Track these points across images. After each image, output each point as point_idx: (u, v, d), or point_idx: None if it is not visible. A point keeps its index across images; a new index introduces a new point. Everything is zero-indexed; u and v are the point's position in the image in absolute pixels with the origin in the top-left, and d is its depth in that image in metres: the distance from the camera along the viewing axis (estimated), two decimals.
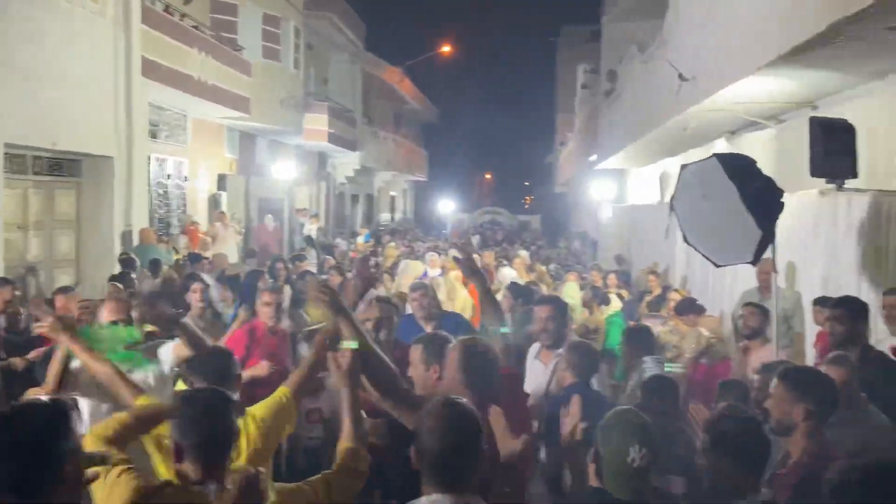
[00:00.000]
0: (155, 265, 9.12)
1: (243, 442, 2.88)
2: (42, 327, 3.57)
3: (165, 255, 10.55)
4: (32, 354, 5.11)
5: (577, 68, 24.54)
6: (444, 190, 45.37)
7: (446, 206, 40.89)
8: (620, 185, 20.59)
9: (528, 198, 72.34)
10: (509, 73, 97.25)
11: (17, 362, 5.14)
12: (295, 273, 8.91)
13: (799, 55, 5.60)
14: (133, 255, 9.17)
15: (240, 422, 2.76)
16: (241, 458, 2.76)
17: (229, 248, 13.18)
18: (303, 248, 14.60)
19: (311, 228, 19.38)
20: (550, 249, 21.65)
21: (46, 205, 9.59)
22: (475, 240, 22.15)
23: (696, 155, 12.83)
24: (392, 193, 36.56)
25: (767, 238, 4.59)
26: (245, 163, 17.53)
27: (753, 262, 4.83)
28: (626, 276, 12.52)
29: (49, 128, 8.77)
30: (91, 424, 3.12)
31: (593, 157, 19.03)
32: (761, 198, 4.61)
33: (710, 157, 4.96)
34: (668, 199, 14.07)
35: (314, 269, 10.53)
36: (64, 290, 6.23)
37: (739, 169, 4.76)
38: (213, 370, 3.13)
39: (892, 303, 4.45)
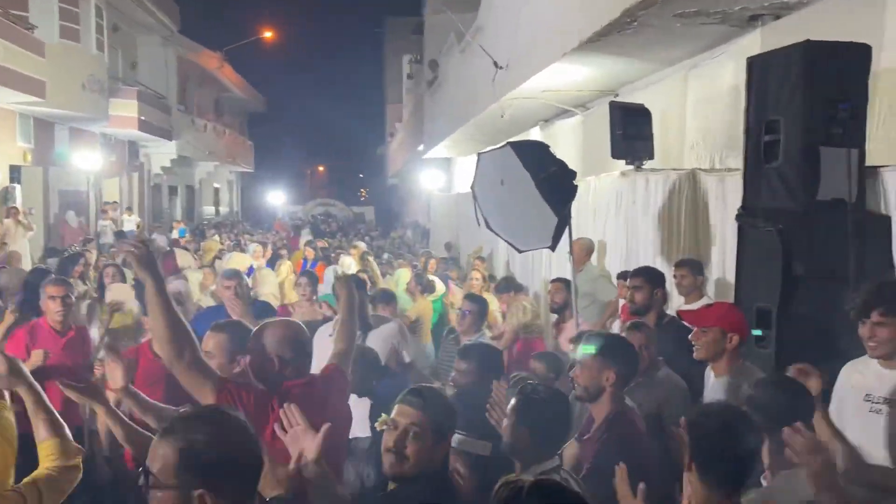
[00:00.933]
0: None
1: None
2: None
3: None
4: None
5: (403, 59, 24.69)
6: (274, 182, 44.19)
7: (277, 199, 39.79)
8: (448, 174, 20.97)
9: (363, 190, 72.18)
10: (338, 63, 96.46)
11: None
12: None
13: (598, 41, 5.88)
14: None
15: None
16: None
17: (21, 246, 11.94)
18: (112, 246, 13.51)
19: (130, 221, 18.13)
20: (384, 240, 21.66)
21: None
22: (304, 232, 21.69)
23: None
24: (216, 185, 34.91)
25: (563, 222, 4.76)
26: (42, 152, 15.97)
27: (552, 247, 4.99)
28: (455, 262, 12.74)
29: None
30: None
31: (421, 147, 19.22)
32: (555, 183, 4.76)
33: (504, 144, 5.08)
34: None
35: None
36: None
37: (532, 156, 4.89)
38: None
39: (681, 273, 4.77)
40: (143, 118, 19.14)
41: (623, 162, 6.36)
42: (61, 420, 2.49)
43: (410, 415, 2.35)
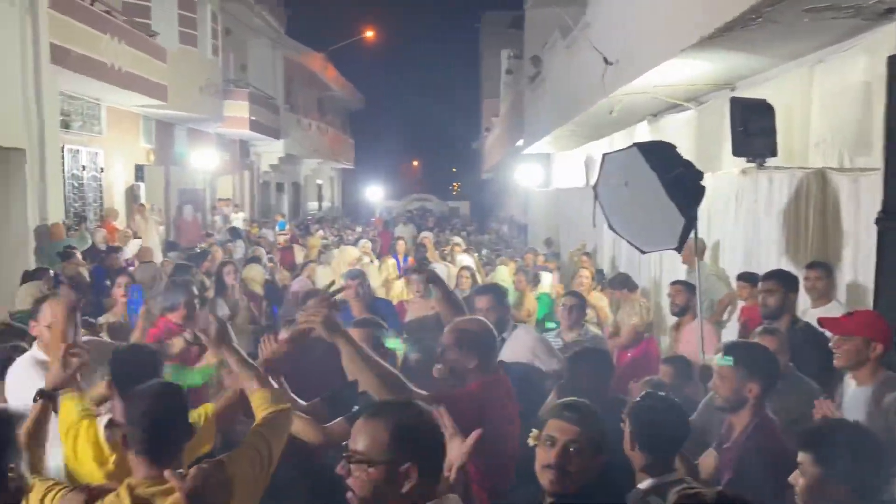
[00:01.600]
0: (66, 254, 8.74)
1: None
2: None
3: (79, 243, 10.09)
4: None
5: (501, 54, 24.67)
6: (372, 177, 45.04)
7: (374, 194, 40.61)
8: (546, 170, 20.86)
9: (455, 184, 72.57)
10: (434, 58, 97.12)
11: None
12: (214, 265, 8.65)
13: (720, 37, 5.75)
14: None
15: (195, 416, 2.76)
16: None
17: (153, 242, 12.74)
18: (228, 240, 14.22)
19: (237, 218, 18.96)
20: (480, 235, 21.78)
21: None
22: (409, 229, 21.44)
23: (619, 138, 13.11)
24: (319, 182, 36.03)
25: (690, 224, 4.71)
26: (163, 152, 16.92)
27: (678, 249, 4.95)
28: (556, 258, 12.73)
29: None
30: None
31: (520, 143, 19.20)
32: (682, 184, 4.72)
33: (631, 146, 5.06)
34: (593, 182, 14.34)
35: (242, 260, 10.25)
36: None
37: (659, 157, 4.85)
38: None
39: (815, 275, 4.63)
40: (253, 118, 19.96)
41: (739, 159, 6.22)
42: (264, 372, 2.79)
43: (568, 430, 2.33)
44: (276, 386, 2.80)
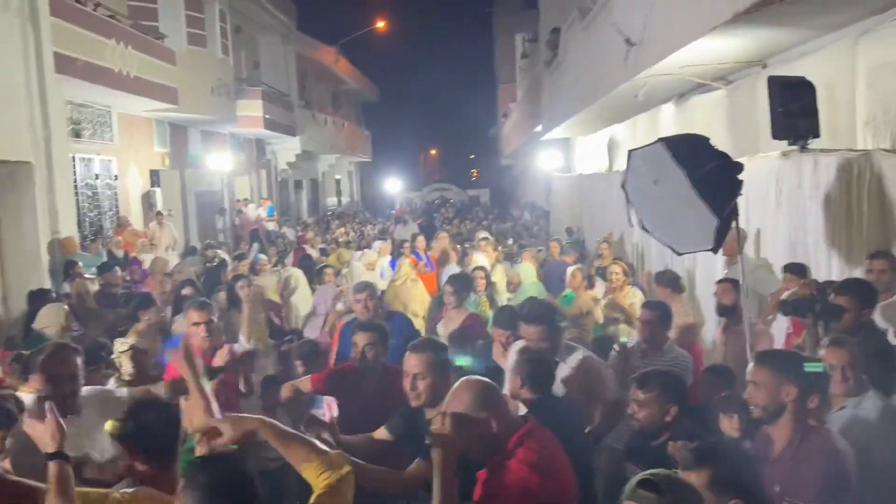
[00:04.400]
0: (68, 268, 8.62)
1: None
2: None
3: (93, 260, 9.90)
4: None
5: (516, 38, 24.17)
6: (390, 169, 44.81)
7: (394, 186, 40.35)
8: (567, 154, 20.39)
9: (474, 171, 72.16)
10: (447, 45, 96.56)
11: None
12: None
13: (755, 12, 5.32)
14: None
15: None
16: None
17: (166, 249, 12.56)
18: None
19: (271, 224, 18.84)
20: (502, 224, 21.37)
21: None
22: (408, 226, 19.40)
23: (643, 120, 12.64)
24: (337, 177, 35.80)
25: (725, 224, 4.28)
26: (178, 156, 16.73)
27: (714, 250, 4.53)
28: (581, 246, 12.31)
29: None
30: None
31: (538, 128, 18.75)
32: (715, 180, 4.27)
33: (656, 141, 4.63)
34: (616, 167, 13.87)
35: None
36: None
37: (687, 151, 4.41)
38: None
39: (880, 267, 4.21)
40: (267, 117, 19.72)
41: (776, 142, 5.77)
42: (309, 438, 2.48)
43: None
44: (326, 448, 2.44)
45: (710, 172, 4.28)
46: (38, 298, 7.02)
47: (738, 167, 4.43)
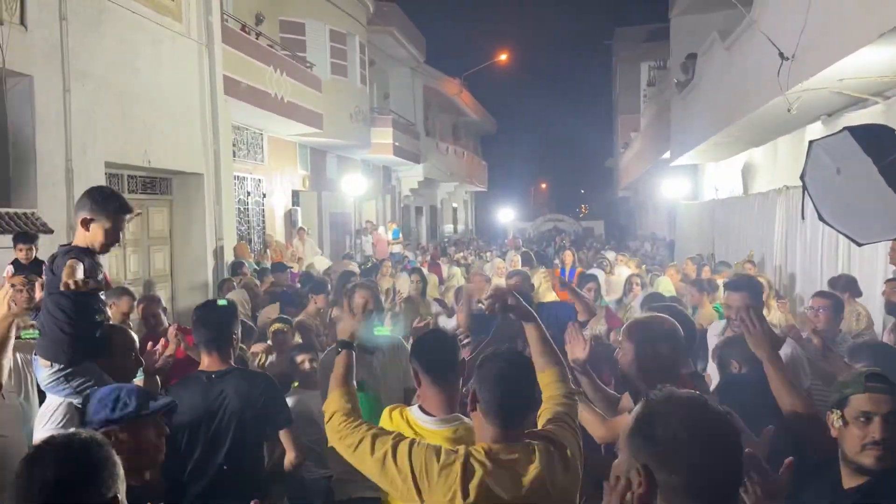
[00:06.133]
0: (236, 268, 9.63)
1: None
2: None
3: (250, 266, 10.71)
4: None
5: (641, 67, 24.13)
6: (503, 200, 45.29)
7: (506, 216, 40.71)
8: (694, 182, 20.07)
9: (583, 206, 71.63)
10: (564, 79, 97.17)
11: None
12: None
13: None
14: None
15: None
16: None
17: (313, 263, 13.32)
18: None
19: (396, 245, 19.46)
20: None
21: (142, 223, 9.77)
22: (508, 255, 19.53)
23: (785, 142, 12.37)
24: (454, 205, 36.54)
25: None
26: (316, 178, 17.70)
27: None
28: (726, 266, 12.08)
29: (142, 146, 8.94)
30: None
31: (666, 155, 18.58)
32: None
33: (842, 130, 4.67)
34: (752, 191, 13.51)
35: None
36: (149, 298, 5.89)
37: (874, 140, 4.45)
38: None
39: None
40: (396, 144, 20.56)
41: None
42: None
43: (884, 401, 2.19)
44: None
45: (894, 161, 4.30)
46: (223, 285, 8.06)
47: None
